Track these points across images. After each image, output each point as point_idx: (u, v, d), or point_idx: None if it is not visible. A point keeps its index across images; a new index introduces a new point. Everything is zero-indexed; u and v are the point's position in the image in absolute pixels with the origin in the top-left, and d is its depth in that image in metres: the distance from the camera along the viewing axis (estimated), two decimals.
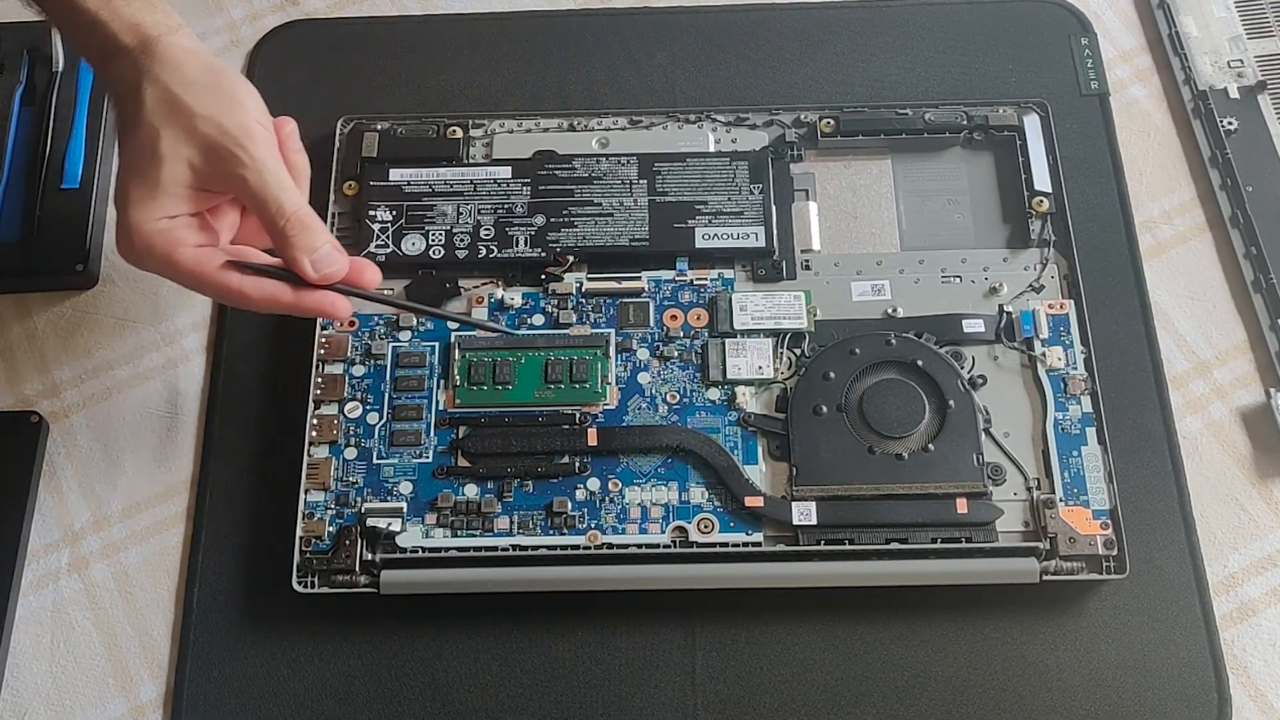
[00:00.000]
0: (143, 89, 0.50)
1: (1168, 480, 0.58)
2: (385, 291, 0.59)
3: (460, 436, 0.57)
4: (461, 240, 0.61)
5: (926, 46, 0.69)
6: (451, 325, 0.59)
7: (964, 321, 0.59)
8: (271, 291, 0.51)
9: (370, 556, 0.55)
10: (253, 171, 0.50)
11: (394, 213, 0.62)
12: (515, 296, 0.60)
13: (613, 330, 0.59)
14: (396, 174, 0.63)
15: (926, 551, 0.54)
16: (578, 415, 0.57)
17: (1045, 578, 0.54)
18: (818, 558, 0.54)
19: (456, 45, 0.69)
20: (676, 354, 0.59)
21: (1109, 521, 0.54)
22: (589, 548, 0.55)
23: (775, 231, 0.61)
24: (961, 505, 0.55)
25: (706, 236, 0.61)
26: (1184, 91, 0.67)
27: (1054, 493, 0.55)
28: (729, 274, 0.61)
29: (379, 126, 0.64)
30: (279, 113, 0.57)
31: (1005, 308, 0.59)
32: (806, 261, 0.61)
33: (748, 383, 0.58)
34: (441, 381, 0.58)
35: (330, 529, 0.55)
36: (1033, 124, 0.64)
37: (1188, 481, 0.58)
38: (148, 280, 0.63)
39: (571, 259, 0.61)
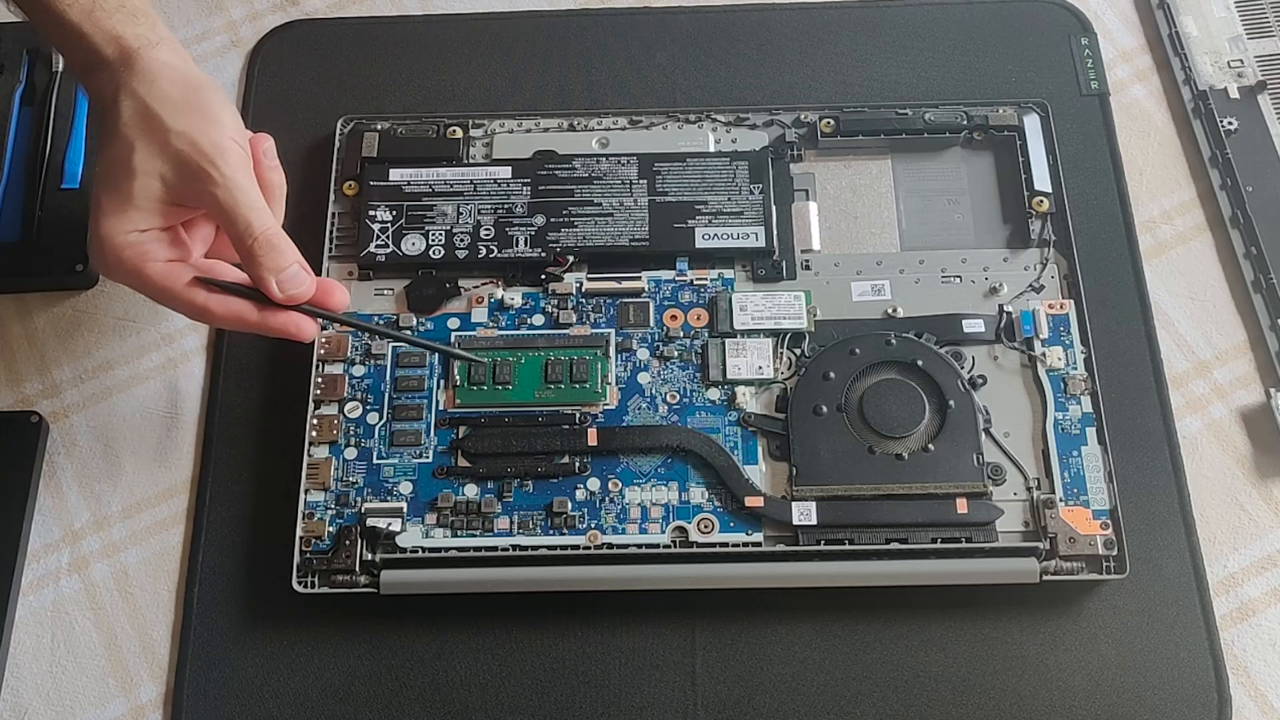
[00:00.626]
0: (120, 101, 0.50)
1: (1168, 480, 0.58)
2: (376, 319, 0.60)
3: (460, 436, 0.57)
4: (461, 240, 0.61)
5: (926, 46, 0.69)
6: (451, 324, 0.60)
7: (964, 321, 0.59)
8: (237, 310, 0.51)
9: (370, 556, 0.55)
10: (223, 189, 0.50)
11: (394, 213, 0.62)
12: (515, 296, 0.60)
13: (613, 330, 0.59)
14: (396, 174, 0.63)
15: (926, 551, 0.54)
16: (578, 415, 0.57)
17: (1045, 578, 0.54)
18: (818, 558, 0.54)
19: (456, 45, 0.69)
20: (676, 354, 0.59)
21: (1109, 521, 0.54)
22: (589, 548, 0.55)
23: (775, 231, 0.61)
24: (961, 505, 0.55)
25: (706, 236, 0.61)
26: (1184, 91, 0.67)
27: (1054, 493, 0.55)
28: (729, 274, 0.61)
29: (379, 126, 0.64)
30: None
31: (1005, 308, 0.59)
32: (806, 261, 0.61)
33: (748, 383, 0.58)
34: (441, 381, 0.58)
35: (330, 529, 0.55)
36: (1033, 124, 0.64)
37: (1188, 481, 0.58)
38: None
39: (571, 259, 0.61)
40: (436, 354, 0.58)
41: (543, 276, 0.61)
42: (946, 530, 0.54)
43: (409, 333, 0.59)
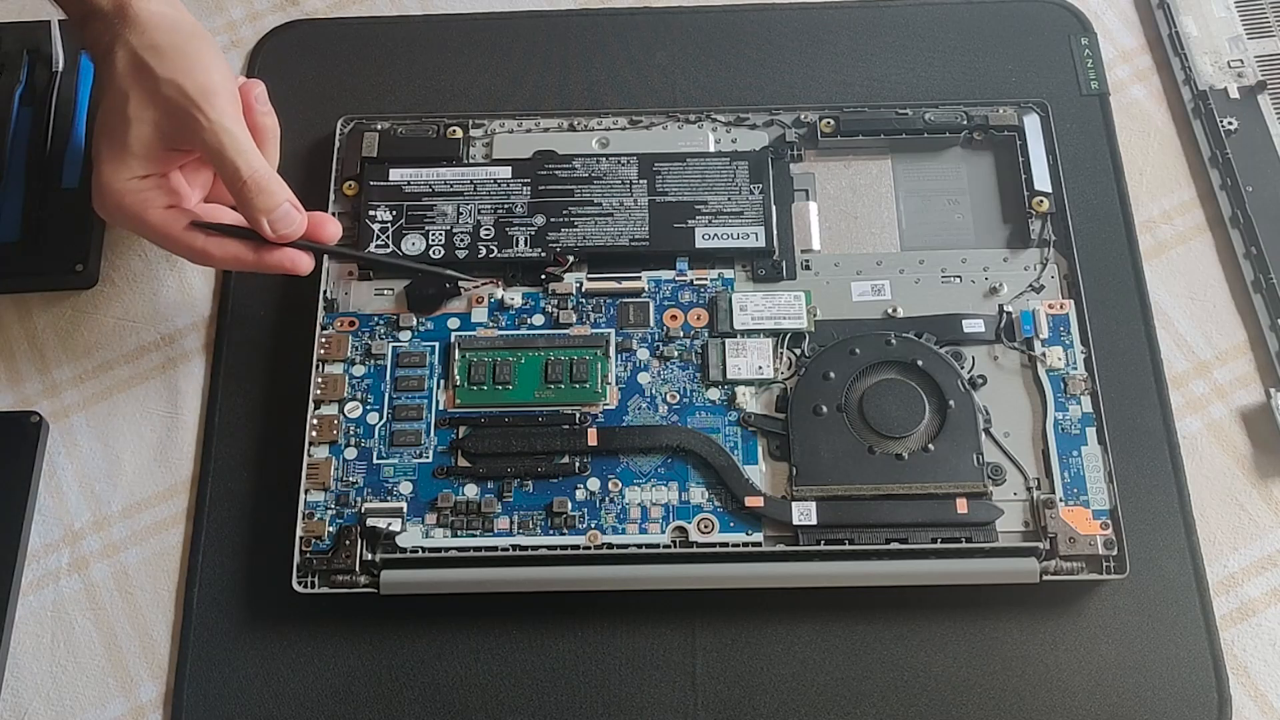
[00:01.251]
0: (115, 52, 0.52)
1: (1168, 480, 0.58)
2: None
3: (460, 436, 0.57)
4: (461, 240, 0.61)
5: (926, 46, 0.69)
6: (451, 324, 0.60)
7: (964, 321, 0.59)
8: (234, 251, 0.54)
9: (370, 556, 0.55)
10: (209, 133, 0.52)
11: (394, 213, 0.62)
12: (515, 296, 0.60)
13: (613, 330, 0.59)
14: (396, 174, 0.63)
15: (926, 551, 0.54)
16: (578, 415, 0.57)
17: (1045, 578, 0.54)
18: (818, 558, 0.54)
19: (456, 45, 0.69)
20: (676, 354, 0.59)
21: (1109, 521, 0.54)
22: (589, 548, 0.55)
23: (775, 231, 0.61)
24: (961, 505, 0.55)
25: (706, 236, 0.61)
26: (1184, 91, 0.67)
27: (1054, 493, 0.55)
28: (729, 274, 0.61)
29: (379, 126, 0.64)
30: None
31: (1005, 308, 0.59)
32: (806, 261, 0.61)
33: (748, 383, 0.58)
34: (441, 381, 0.58)
35: (330, 529, 0.55)
36: (1033, 124, 0.64)
37: (1188, 481, 0.58)
38: (148, 280, 0.64)
39: (571, 259, 0.61)
40: (427, 274, 0.60)
41: (543, 276, 0.61)
42: (946, 530, 0.54)
43: (401, 258, 0.60)
